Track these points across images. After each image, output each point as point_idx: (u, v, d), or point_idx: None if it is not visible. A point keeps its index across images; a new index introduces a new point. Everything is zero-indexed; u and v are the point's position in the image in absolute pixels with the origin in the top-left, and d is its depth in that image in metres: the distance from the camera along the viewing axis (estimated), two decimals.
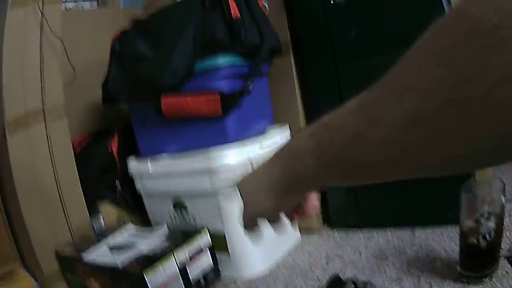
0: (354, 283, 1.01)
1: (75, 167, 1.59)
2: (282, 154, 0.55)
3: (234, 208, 1.45)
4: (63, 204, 1.52)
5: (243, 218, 0.68)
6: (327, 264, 1.47)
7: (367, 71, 1.52)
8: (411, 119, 0.34)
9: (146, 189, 1.68)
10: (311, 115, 1.74)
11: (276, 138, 1.59)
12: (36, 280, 1.61)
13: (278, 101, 1.73)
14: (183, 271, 1.34)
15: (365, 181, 0.46)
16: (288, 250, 1.66)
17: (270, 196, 0.58)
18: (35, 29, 1.47)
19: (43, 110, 1.48)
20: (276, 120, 1.72)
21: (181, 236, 1.44)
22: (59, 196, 1.51)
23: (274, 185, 0.56)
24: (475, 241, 1.08)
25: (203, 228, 1.47)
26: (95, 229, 1.68)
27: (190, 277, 1.37)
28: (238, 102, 1.41)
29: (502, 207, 1.07)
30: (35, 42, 1.46)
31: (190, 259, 1.38)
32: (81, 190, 1.61)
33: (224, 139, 1.43)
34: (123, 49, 1.48)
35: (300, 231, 1.79)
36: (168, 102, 1.41)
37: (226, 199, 1.40)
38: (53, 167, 1.50)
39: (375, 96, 0.39)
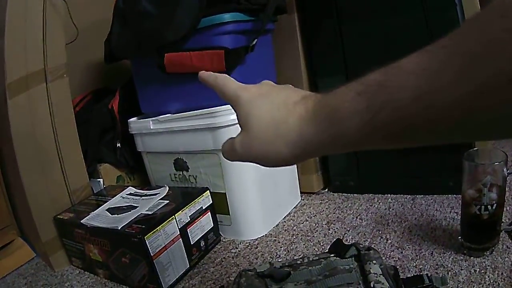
0: (357, 248, 1.00)
1: (76, 128, 1.56)
2: (320, 110, 0.50)
3: (236, 169, 1.45)
4: (62, 166, 1.51)
5: (235, 154, 0.61)
6: (328, 228, 1.47)
7: (370, 32, 1.51)
8: (484, 86, 0.33)
9: (146, 149, 1.66)
10: (314, 75, 1.72)
11: None
12: (33, 249, 1.62)
13: (281, 60, 1.70)
14: (183, 233, 1.34)
15: (418, 143, 0.44)
16: (289, 213, 1.66)
17: (295, 152, 0.53)
18: None
19: (45, 71, 1.45)
20: (278, 80, 1.69)
21: (182, 197, 1.43)
22: (59, 158, 1.50)
23: (305, 142, 0.52)
24: (477, 211, 1.08)
25: (205, 189, 1.46)
26: (94, 191, 1.67)
27: (190, 238, 1.37)
28: (242, 59, 1.39)
29: (504, 178, 1.07)
30: (38, 3, 1.42)
31: (191, 220, 1.37)
32: (81, 151, 1.59)
33: None
34: (126, 6, 1.45)
35: (301, 195, 1.79)
36: (171, 57, 1.39)
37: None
38: (53, 128, 1.48)
39: (442, 61, 0.36)
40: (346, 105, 0.46)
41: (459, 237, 1.19)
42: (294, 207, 1.71)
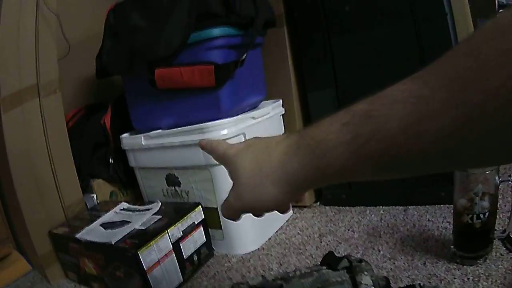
0: (349, 260, 1.01)
1: (69, 143, 1.57)
2: (303, 144, 0.50)
3: (227, 184, 1.45)
4: (56, 181, 1.51)
5: (231, 207, 0.63)
6: (320, 241, 1.47)
7: (360, 44, 1.52)
8: (476, 115, 0.32)
9: (139, 164, 1.67)
10: (304, 88, 1.73)
11: (269, 112, 1.59)
12: (30, 262, 1.62)
13: (271, 74, 1.71)
14: (176, 248, 1.34)
15: (407, 174, 0.44)
16: (281, 227, 1.66)
17: (284, 189, 0.53)
18: (31, 4, 1.44)
19: (38, 86, 1.46)
20: (268, 93, 1.71)
21: (174, 212, 1.43)
22: (53, 173, 1.50)
23: (291, 177, 0.52)
24: (469, 220, 1.09)
25: (197, 204, 1.46)
26: (88, 207, 1.67)
27: (183, 253, 1.37)
28: (232, 73, 1.39)
29: (497, 187, 1.07)
30: (30, 17, 1.43)
31: (184, 235, 1.37)
32: (74, 166, 1.59)
33: (217, 111, 1.41)
34: (117, 21, 1.46)
35: (292, 208, 1.79)
36: (162, 73, 1.39)
37: None
38: (46, 143, 1.48)
39: (431, 87, 0.36)
40: (330, 137, 0.45)
41: (452, 247, 1.19)
42: (286, 221, 1.71)
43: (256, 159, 0.56)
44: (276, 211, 0.64)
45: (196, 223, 1.43)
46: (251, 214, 0.65)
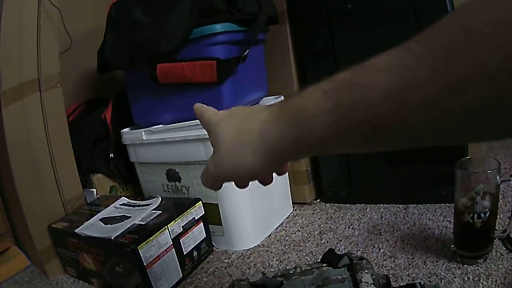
0: (350, 258, 1.00)
1: (69, 138, 1.56)
2: (284, 112, 0.49)
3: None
4: (56, 176, 1.51)
5: (210, 176, 0.61)
6: (321, 238, 1.47)
7: (362, 42, 1.51)
8: (462, 86, 0.32)
9: (139, 159, 1.66)
10: (305, 85, 1.71)
11: None
12: (28, 257, 1.62)
13: (273, 71, 1.71)
14: (176, 243, 1.34)
15: (390, 146, 0.42)
16: (281, 224, 1.66)
17: (262, 158, 0.52)
18: None
19: (39, 80, 1.45)
20: (270, 90, 1.71)
21: (174, 207, 1.43)
22: (53, 168, 1.50)
23: (270, 146, 0.50)
24: (470, 219, 1.08)
25: (197, 199, 1.46)
26: (88, 201, 1.67)
27: (183, 249, 1.37)
28: (234, 69, 1.39)
29: (497, 186, 1.07)
30: (33, 12, 1.43)
31: (183, 230, 1.37)
32: (75, 161, 1.59)
33: (219, 107, 1.38)
34: (119, 16, 1.45)
35: (293, 205, 1.79)
36: (163, 68, 1.39)
37: None
38: (47, 137, 1.48)
39: (417, 56, 0.35)
40: (312, 104, 0.44)
41: (452, 246, 1.19)
42: (286, 218, 1.71)
43: (237, 128, 0.55)
44: (261, 184, 0.64)
45: (196, 218, 1.43)
46: (251, 210, 0.65)
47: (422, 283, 0.98)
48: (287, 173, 1.74)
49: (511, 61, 0.28)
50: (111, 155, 1.72)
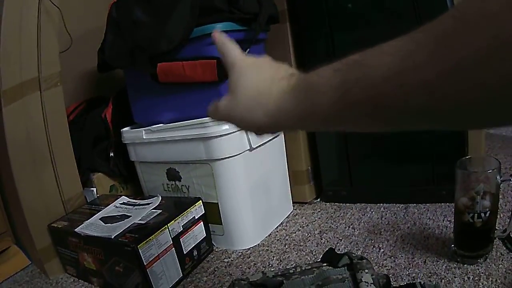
0: (350, 257, 1.00)
1: (69, 137, 1.56)
2: (299, 86, 0.53)
3: (228, 179, 1.46)
4: (56, 175, 1.51)
5: (219, 112, 0.66)
6: (321, 238, 1.47)
7: (363, 42, 1.50)
8: (458, 67, 0.33)
9: (139, 158, 1.66)
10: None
11: None
12: (28, 256, 1.62)
13: None
14: (176, 242, 1.34)
15: (390, 126, 0.45)
16: (281, 223, 1.66)
17: (271, 121, 0.56)
18: None
19: (39, 79, 1.45)
20: None
21: (174, 207, 1.43)
22: (53, 167, 1.50)
23: (281, 114, 0.55)
24: (470, 219, 1.08)
25: (197, 198, 1.46)
26: (88, 200, 1.67)
27: (183, 248, 1.37)
28: None
29: (498, 186, 1.07)
30: (33, 11, 1.43)
31: (184, 230, 1.37)
32: (75, 160, 1.59)
33: None
34: (120, 15, 1.45)
35: (293, 204, 1.79)
36: (164, 67, 1.39)
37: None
38: (47, 137, 1.48)
39: (418, 42, 0.37)
40: (322, 81, 0.47)
41: (452, 245, 1.19)
42: (287, 217, 1.71)
43: (258, 85, 0.59)
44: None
45: (196, 218, 1.43)
46: (251, 209, 0.67)
47: (422, 283, 0.98)
48: (287, 173, 1.74)
49: (504, 48, 0.30)
50: (111, 154, 1.72)
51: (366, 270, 0.93)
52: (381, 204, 1.64)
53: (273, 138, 1.59)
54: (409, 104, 0.38)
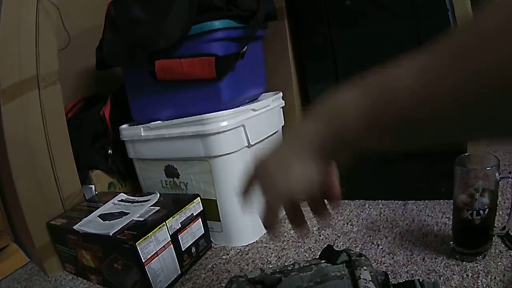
0: (348, 254, 1.00)
1: (68, 134, 1.56)
2: (321, 113, 0.53)
3: (226, 175, 1.45)
4: (55, 172, 1.51)
5: (269, 199, 0.63)
6: (319, 234, 1.47)
7: (361, 38, 1.51)
8: (475, 78, 0.34)
9: (138, 155, 1.66)
10: (304, 81, 1.73)
11: (269, 104, 1.58)
12: (27, 254, 1.62)
13: (271, 67, 1.71)
14: (174, 239, 1.34)
15: (415, 142, 0.47)
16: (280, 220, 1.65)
17: (308, 159, 0.54)
18: None
19: (37, 77, 1.45)
20: (268, 86, 1.71)
21: (172, 203, 1.43)
22: (52, 164, 1.50)
23: (312, 145, 0.53)
24: (469, 216, 1.08)
25: (195, 195, 1.46)
26: (86, 198, 1.67)
27: (181, 245, 1.37)
28: (232, 65, 1.39)
29: (497, 183, 1.07)
30: (31, 9, 1.42)
31: (182, 226, 1.37)
32: (73, 158, 1.59)
33: (217, 103, 1.41)
34: (118, 13, 1.45)
35: None
36: (162, 64, 1.39)
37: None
38: (45, 134, 1.47)
39: (436, 55, 0.38)
40: (348, 104, 0.48)
41: (451, 242, 1.19)
42: (284, 214, 1.70)
43: (277, 147, 0.61)
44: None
45: (194, 214, 1.43)
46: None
47: (420, 280, 0.98)
48: None
49: None
50: (109, 151, 1.72)
51: (365, 267, 0.93)
52: (380, 200, 1.63)
53: (272, 135, 1.59)
54: (432, 116, 0.39)
